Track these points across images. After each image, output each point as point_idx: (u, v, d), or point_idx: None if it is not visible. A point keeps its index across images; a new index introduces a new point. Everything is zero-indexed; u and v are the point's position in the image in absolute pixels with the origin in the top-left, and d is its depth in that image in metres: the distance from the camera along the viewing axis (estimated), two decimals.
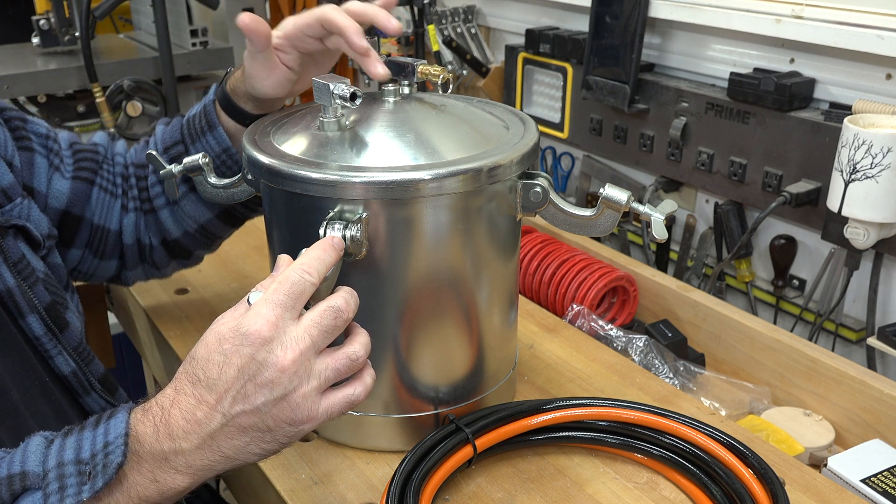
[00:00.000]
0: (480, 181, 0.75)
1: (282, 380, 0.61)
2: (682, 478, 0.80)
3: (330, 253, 0.67)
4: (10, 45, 2.39)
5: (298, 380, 0.61)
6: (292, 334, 0.62)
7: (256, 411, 0.61)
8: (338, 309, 0.64)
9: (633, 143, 1.53)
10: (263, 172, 0.76)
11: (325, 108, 0.78)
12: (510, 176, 0.77)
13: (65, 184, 0.94)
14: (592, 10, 1.49)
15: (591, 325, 1.13)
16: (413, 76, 0.83)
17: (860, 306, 1.28)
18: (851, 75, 1.23)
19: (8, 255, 0.80)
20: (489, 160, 0.75)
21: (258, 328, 0.61)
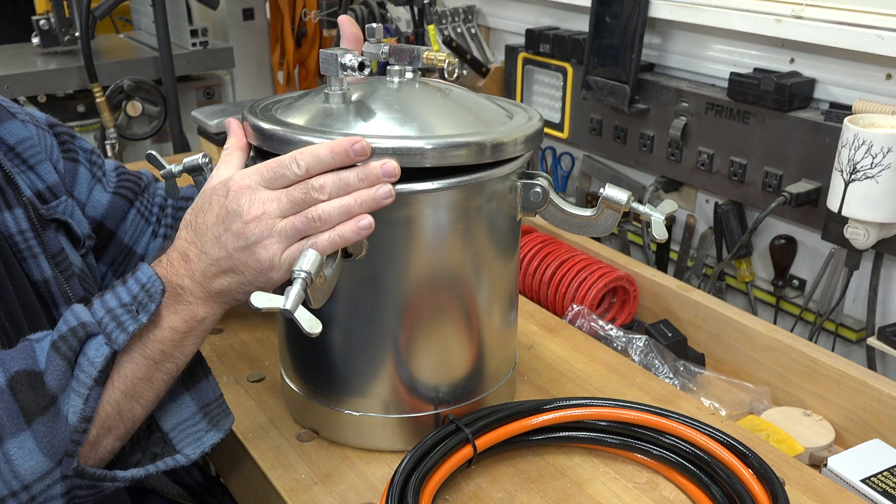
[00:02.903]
0: (484, 155, 0.74)
1: (246, 231, 0.69)
2: (682, 478, 0.80)
3: (328, 156, 0.69)
4: (10, 45, 2.39)
5: (260, 234, 0.68)
6: (262, 196, 0.69)
7: (229, 256, 0.70)
8: (311, 186, 0.69)
9: (633, 143, 1.53)
10: (265, 141, 0.76)
11: (330, 80, 0.77)
12: (514, 155, 0.77)
13: (105, 196, 0.97)
14: (592, 10, 1.49)
15: (591, 325, 1.13)
16: (418, 61, 0.82)
17: (860, 306, 1.28)
18: (851, 75, 1.23)
19: (48, 246, 0.83)
20: (493, 136, 0.74)
21: (237, 183, 0.70)
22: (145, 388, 0.71)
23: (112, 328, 0.68)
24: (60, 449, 0.66)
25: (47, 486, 0.67)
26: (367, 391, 0.82)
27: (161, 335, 0.71)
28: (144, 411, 0.73)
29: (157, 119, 2.20)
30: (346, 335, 0.80)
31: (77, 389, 0.67)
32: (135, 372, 0.70)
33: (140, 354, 0.70)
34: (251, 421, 0.89)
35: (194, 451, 0.75)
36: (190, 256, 0.71)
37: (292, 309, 0.64)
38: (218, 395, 0.78)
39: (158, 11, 2.06)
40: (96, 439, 0.70)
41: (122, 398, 0.70)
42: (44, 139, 0.90)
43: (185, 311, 0.71)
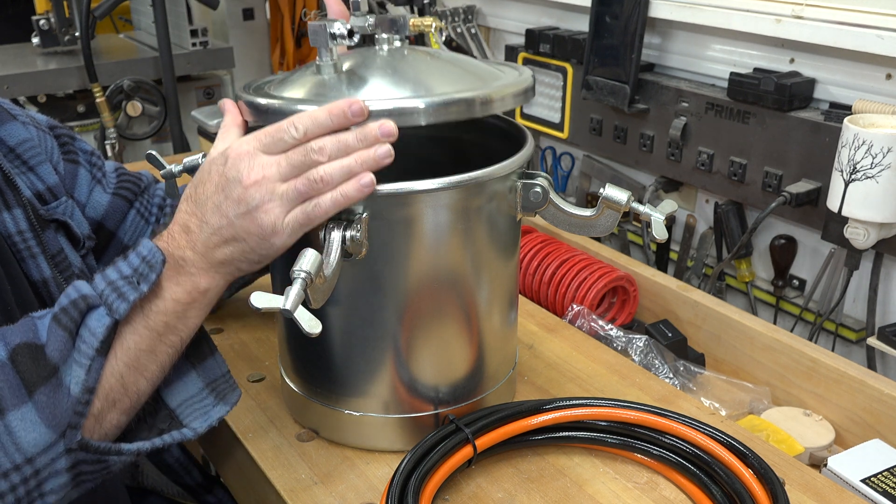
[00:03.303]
0: (480, 109, 0.74)
1: (246, 196, 0.68)
2: (682, 478, 0.80)
3: (326, 118, 0.69)
4: (10, 45, 2.39)
5: (260, 198, 0.68)
6: (261, 160, 0.69)
7: (231, 224, 0.70)
8: (310, 149, 0.69)
9: (633, 143, 1.53)
10: (260, 116, 0.76)
11: (321, 52, 0.77)
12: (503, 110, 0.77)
13: (105, 197, 0.97)
14: (592, 10, 1.49)
15: (591, 325, 1.13)
16: (405, 29, 0.82)
17: (860, 306, 1.28)
18: (851, 75, 1.23)
19: (47, 247, 0.83)
20: (487, 90, 0.75)
21: (235, 151, 0.70)
22: (149, 361, 0.71)
23: (113, 299, 0.68)
24: (63, 420, 0.66)
25: (51, 460, 0.66)
26: (367, 391, 0.82)
27: (164, 307, 0.71)
28: (149, 385, 0.72)
29: (157, 119, 2.20)
30: (346, 335, 0.80)
31: (79, 360, 0.67)
32: (138, 344, 0.70)
33: (143, 326, 0.70)
34: (251, 421, 0.89)
35: (201, 424, 0.75)
36: (191, 228, 0.71)
37: (292, 309, 0.64)
38: (225, 371, 0.78)
39: (158, 11, 2.06)
40: (100, 413, 0.69)
41: (125, 370, 0.70)
42: (44, 141, 0.90)
43: (187, 283, 0.71)
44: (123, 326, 0.70)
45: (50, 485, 0.67)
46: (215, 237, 0.70)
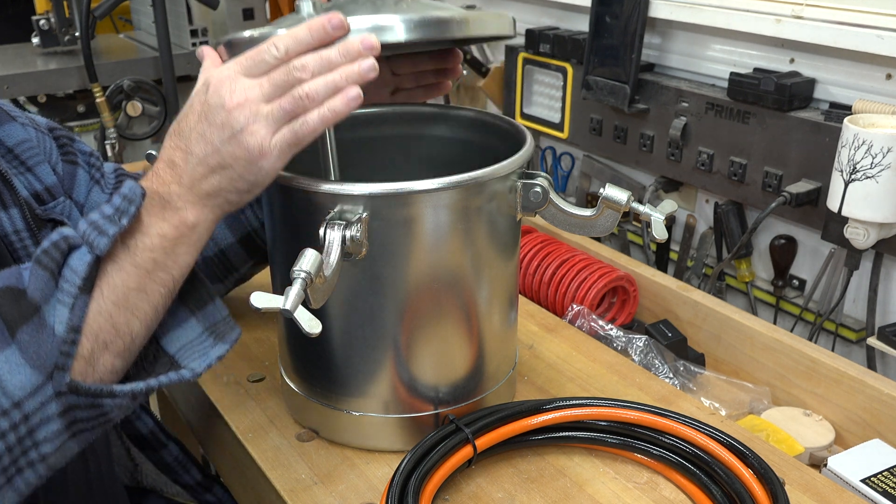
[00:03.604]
0: (452, 28, 0.75)
1: (230, 120, 0.67)
2: (682, 478, 0.80)
3: (306, 35, 0.69)
4: (10, 45, 2.39)
5: (245, 120, 0.67)
6: (243, 84, 0.68)
7: (217, 151, 0.68)
8: (293, 67, 0.68)
9: (633, 143, 1.53)
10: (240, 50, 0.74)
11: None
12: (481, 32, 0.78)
13: (103, 197, 0.96)
14: (592, 10, 1.49)
15: (591, 325, 1.13)
16: None
17: (860, 306, 1.28)
18: (851, 75, 1.23)
19: None
20: (461, 13, 0.76)
21: (216, 78, 0.69)
22: (140, 300, 0.69)
23: (94, 237, 0.66)
24: (49, 362, 0.64)
25: (41, 404, 0.64)
26: (367, 391, 0.82)
27: (150, 243, 0.69)
28: (143, 326, 0.71)
29: (157, 119, 2.20)
30: (346, 335, 0.80)
31: (62, 300, 0.65)
32: (125, 282, 0.68)
33: (130, 264, 0.68)
34: (251, 421, 0.89)
35: (200, 364, 0.72)
36: (176, 162, 0.70)
37: (292, 309, 0.64)
38: (225, 315, 0.76)
39: (158, 11, 2.06)
40: (92, 355, 0.67)
41: (114, 309, 0.68)
42: (43, 142, 0.90)
43: (173, 218, 0.70)
44: (108, 264, 0.68)
45: (43, 432, 0.65)
46: (201, 167, 0.69)
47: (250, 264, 1.03)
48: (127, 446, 1.03)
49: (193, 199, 0.70)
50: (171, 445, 1.01)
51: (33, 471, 0.67)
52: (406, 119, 0.97)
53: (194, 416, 1.04)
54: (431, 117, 0.96)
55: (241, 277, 1.06)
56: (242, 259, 1.01)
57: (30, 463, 0.66)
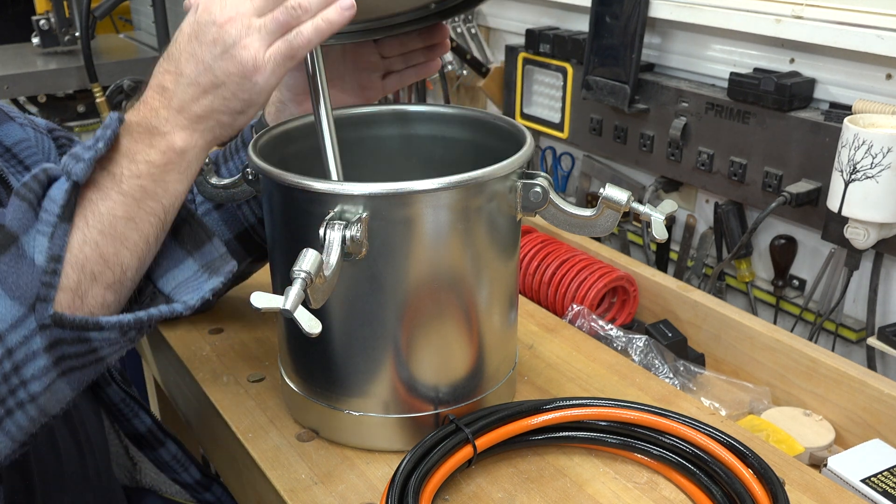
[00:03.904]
0: None
1: (222, 35, 0.67)
2: (682, 478, 0.80)
3: None
4: (10, 45, 2.39)
5: (237, 34, 0.67)
6: (233, 1, 0.68)
7: (208, 69, 0.67)
8: None
9: (633, 143, 1.53)
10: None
11: None
12: None
13: None
14: (592, 10, 1.49)
15: (591, 325, 1.13)
16: None
17: (860, 306, 1.28)
18: (851, 75, 1.23)
19: None
20: None
21: (205, 1, 0.68)
22: (129, 230, 0.67)
23: (72, 164, 0.65)
24: (30, 293, 0.62)
25: (24, 338, 0.62)
26: (367, 391, 0.82)
27: (137, 170, 0.67)
28: (133, 258, 0.68)
29: None
30: (346, 335, 0.80)
31: (41, 229, 0.63)
32: (112, 210, 0.66)
33: (116, 192, 0.67)
34: (251, 421, 0.89)
35: (192, 297, 0.71)
36: (166, 86, 0.69)
37: (292, 309, 0.64)
38: (222, 252, 0.75)
39: (158, 11, 2.06)
40: (79, 286, 0.65)
41: (101, 239, 0.66)
42: (42, 142, 0.90)
43: (161, 143, 0.68)
44: (92, 192, 0.66)
45: (29, 369, 0.63)
46: (192, 88, 0.68)
47: (248, 261, 1.03)
48: (125, 445, 1.03)
49: (183, 123, 0.69)
50: (169, 444, 1.01)
51: (24, 413, 0.64)
52: (406, 119, 0.97)
53: (194, 416, 1.04)
54: (431, 117, 0.96)
55: (240, 275, 1.05)
56: (240, 256, 1.01)
57: (19, 404, 0.64)
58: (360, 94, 0.98)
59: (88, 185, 0.66)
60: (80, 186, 0.65)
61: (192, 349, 1.03)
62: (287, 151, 0.89)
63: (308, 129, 0.92)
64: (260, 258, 1.04)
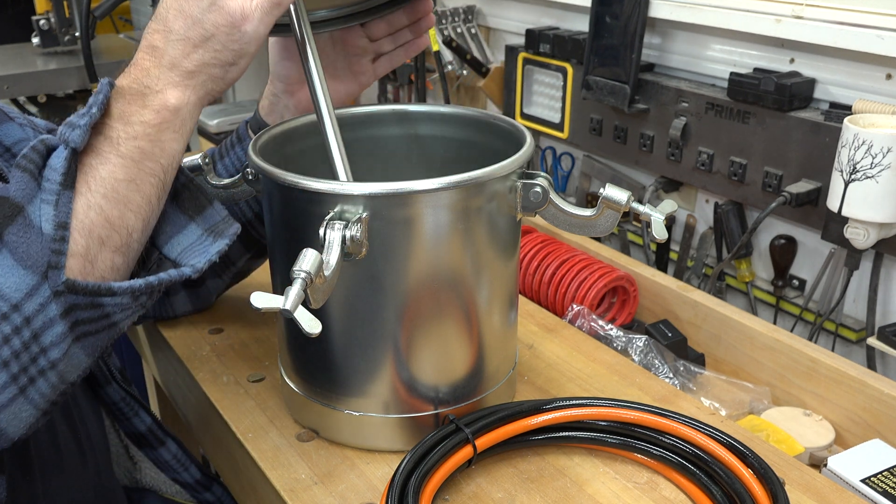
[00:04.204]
0: None
1: None
2: (682, 478, 0.80)
3: None
4: (10, 45, 2.39)
5: None
6: None
7: (197, 22, 0.69)
8: None
9: (633, 143, 1.53)
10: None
11: None
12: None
13: None
14: (592, 10, 1.49)
15: (591, 325, 1.13)
16: None
17: (860, 306, 1.28)
18: (851, 75, 1.23)
19: None
20: None
21: None
22: (131, 192, 0.68)
23: (68, 133, 0.66)
24: (41, 261, 0.63)
25: (40, 306, 0.63)
26: (367, 391, 0.82)
27: (133, 131, 0.68)
28: (138, 219, 0.69)
29: None
30: (346, 335, 0.80)
31: (45, 198, 0.64)
32: (113, 173, 0.67)
33: (115, 155, 0.68)
34: (251, 421, 0.89)
35: (200, 260, 0.72)
36: (156, 45, 0.70)
37: (292, 309, 0.64)
38: (224, 215, 0.76)
39: None
40: (88, 251, 0.66)
41: (105, 203, 0.67)
42: None
43: (155, 102, 0.69)
44: (91, 158, 0.67)
45: (48, 337, 0.64)
46: (182, 43, 0.69)
47: (247, 257, 1.03)
48: (125, 444, 1.03)
49: (175, 80, 0.70)
50: (169, 443, 1.01)
51: (45, 380, 0.66)
52: (406, 119, 0.97)
53: (194, 416, 1.04)
54: (431, 117, 0.96)
55: (239, 272, 1.05)
56: (239, 252, 1.01)
57: (41, 371, 0.65)
58: (353, 80, 0.98)
59: (87, 151, 0.67)
60: (79, 153, 0.66)
61: (192, 349, 1.03)
62: (287, 151, 0.89)
63: (308, 129, 0.92)
64: (258, 255, 1.04)
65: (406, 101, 2.07)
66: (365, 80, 0.99)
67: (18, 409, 0.64)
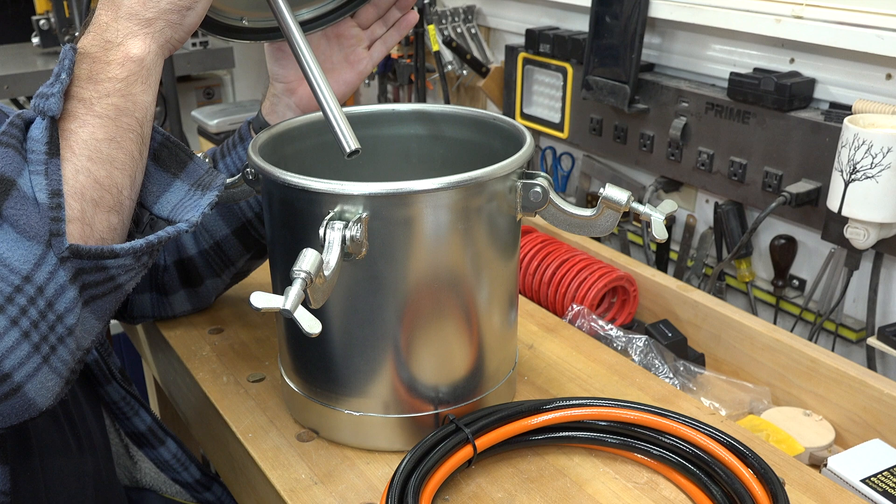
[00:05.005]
0: None
1: None
2: (682, 478, 0.80)
3: None
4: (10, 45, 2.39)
5: None
6: None
7: None
8: None
9: (633, 143, 1.53)
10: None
11: None
12: None
13: None
14: (592, 10, 1.49)
15: (591, 325, 1.13)
16: None
17: (860, 306, 1.28)
18: (851, 75, 1.23)
19: None
20: None
21: None
22: (113, 150, 0.70)
23: (42, 103, 0.67)
24: (42, 230, 0.64)
25: (50, 274, 0.64)
26: (367, 391, 0.82)
27: (104, 89, 0.70)
28: (125, 176, 0.71)
29: (156, 119, 2.20)
30: (346, 335, 0.80)
31: (34, 169, 0.66)
32: (93, 134, 0.69)
33: (91, 115, 0.69)
34: (251, 421, 0.89)
35: (194, 214, 0.73)
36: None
37: (292, 309, 0.64)
38: (207, 167, 0.77)
39: None
40: (84, 214, 0.68)
41: (91, 165, 0.68)
42: None
43: (118, 55, 0.70)
44: (70, 123, 0.68)
45: (62, 303, 0.65)
46: None
47: (247, 257, 1.03)
48: (125, 444, 1.03)
49: (134, 30, 0.71)
50: (169, 442, 1.01)
51: (65, 346, 0.67)
52: (406, 119, 0.97)
53: (194, 416, 1.04)
54: (431, 117, 0.96)
55: (239, 272, 1.06)
56: (239, 252, 1.01)
57: (60, 339, 0.66)
58: (351, 71, 0.99)
59: (64, 117, 0.68)
60: (57, 120, 0.67)
61: (192, 349, 1.03)
62: (287, 151, 0.89)
63: (308, 129, 0.92)
64: (258, 255, 1.04)
65: (406, 101, 2.07)
66: (363, 69, 0.99)
67: (45, 378, 0.66)
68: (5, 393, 0.63)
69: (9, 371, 0.63)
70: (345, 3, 0.96)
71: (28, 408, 0.65)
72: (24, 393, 0.64)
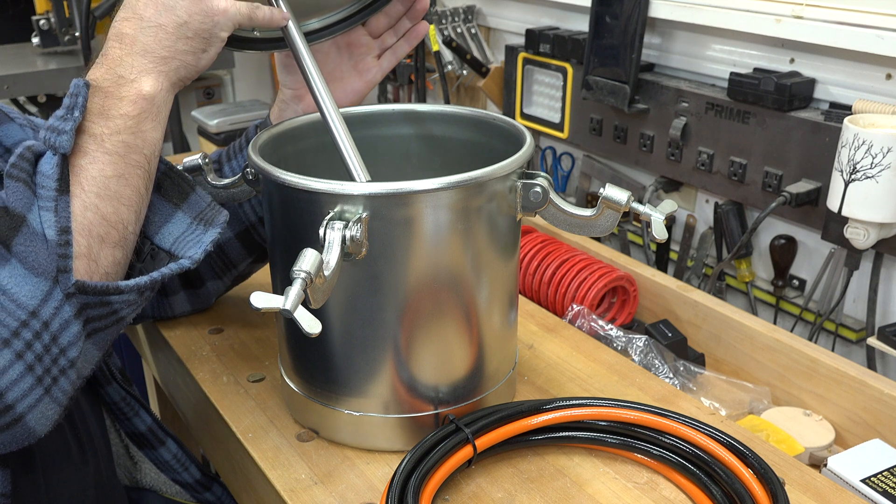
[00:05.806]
0: None
1: None
2: (682, 478, 0.80)
3: None
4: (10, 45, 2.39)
5: None
6: None
7: (169, 8, 0.71)
8: None
9: (633, 143, 1.53)
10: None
11: None
12: None
13: None
14: (592, 10, 1.49)
15: (591, 325, 1.13)
16: None
17: (860, 306, 1.28)
18: (851, 75, 1.23)
19: None
20: None
21: None
22: (121, 186, 0.70)
23: (53, 138, 0.67)
24: (50, 266, 0.65)
25: (55, 309, 0.65)
26: (367, 391, 0.82)
27: (114, 126, 0.70)
28: (131, 212, 0.72)
29: None
30: (346, 335, 0.80)
31: (44, 205, 0.66)
32: (102, 171, 0.69)
33: (101, 153, 0.69)
34: (251, 421, 0.89)
35: (196, 251, 0.74)
36: (125, 33, 0.72)
37: (292, 309, 0.64)
38: (209, 201, 0.78)
39: None
40: (90, 250, 0.68)
41: (99, 201, 0.69)
42: None
43: (130, 92, 0.71)
44: (80, 159, 0.69)
45: (66, 337, 0.66)
46: (154, 30, 0.71)
47: (249, 261, 1.03)
48: (126, 444, 1.03)
49: (148, 67, 0.71)
50: (169, 442, 1.01)
51: (66, 378, 0.68)
52: (406, 119, 0.97)
53: (194, 416, 1.04)
54: (431, 117, 0.96)
55: (240, 275, 1.06)
56: (241, 255, 1.02)
57: (62, 371, 0.67)
58: (360, 80, 0.99)
59: (74, 153, 0.68)
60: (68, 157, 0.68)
61: (192, 349, 1.03)
62: (287, 151, 0.89)
63: (308, 129, 0.92)
64: (260, 258, 1.04)
65: (406, 101, 2.07)
66: (372, 78, 0.99)
67: (45, 408, 0.67)
68: (7, 423, 0.64)
69: (11, 402, 0.64)
70: (356, 12, 0.96)
71: (27, 436, 0.67)
72: (24, 423, 0.66)
